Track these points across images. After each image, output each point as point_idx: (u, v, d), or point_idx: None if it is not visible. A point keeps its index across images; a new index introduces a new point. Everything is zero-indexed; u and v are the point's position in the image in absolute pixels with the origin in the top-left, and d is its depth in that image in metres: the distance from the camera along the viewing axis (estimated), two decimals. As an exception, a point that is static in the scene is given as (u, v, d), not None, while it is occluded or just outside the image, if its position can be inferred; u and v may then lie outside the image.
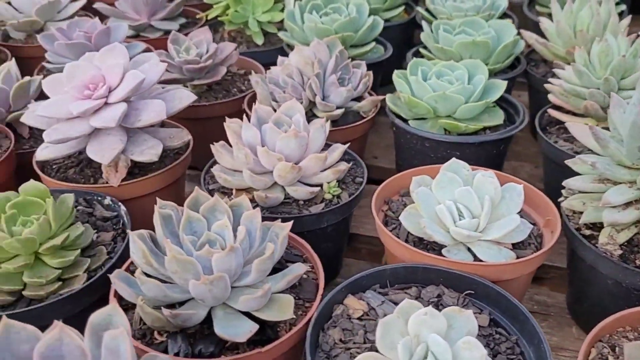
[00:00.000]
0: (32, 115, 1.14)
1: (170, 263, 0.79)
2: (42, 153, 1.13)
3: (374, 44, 1.65)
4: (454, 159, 1.06)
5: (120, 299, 0.91)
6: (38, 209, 0.97)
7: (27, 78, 1.33)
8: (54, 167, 1.22)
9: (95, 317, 0.68)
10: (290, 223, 0.90)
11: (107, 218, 1.09)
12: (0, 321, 0.65)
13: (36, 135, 1.37)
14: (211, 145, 1.17)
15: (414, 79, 1.32)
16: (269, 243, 0.85)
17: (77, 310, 0.93)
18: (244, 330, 0.80)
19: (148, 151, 1.12)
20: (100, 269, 0.97)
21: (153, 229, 0.92)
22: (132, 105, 1.13)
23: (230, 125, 1.13)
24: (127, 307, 0.91)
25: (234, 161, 1.10)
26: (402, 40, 2.01)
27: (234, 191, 1.10)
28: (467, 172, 1.05)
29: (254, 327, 0.80)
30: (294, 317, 0.83)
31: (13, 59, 1.38)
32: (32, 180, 0.99)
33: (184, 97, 1.18)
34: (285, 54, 1.80)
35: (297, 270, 0.88)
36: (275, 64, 1.65)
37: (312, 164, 1.07)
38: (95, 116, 1.10)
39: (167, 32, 1.89)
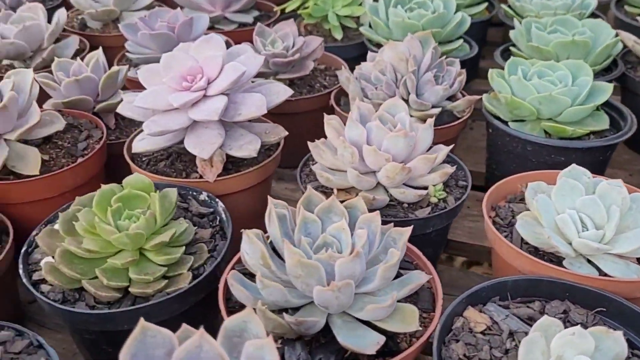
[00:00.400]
0: (129, 106, 1.11)
1: (294, 267, 0.75)
2: (139, 145, 1.10)
3: (461, 41, 1.58)
4: (573, 165, 1.00)
5: (226, 301, 0.87)
6: (142, 203, 0.93)
7: (115, 68, 1.31)
8: (143, 159, 1.19)
9: (230, 322, 0.64)
10: (410, 228, 0.85)
11: (203, 214, 1.05)
12: (138, 323, 0.61)
13: (122, 126, 1.35)
14: (309, 143, 1.13)
15: (515, 79, 1.25)
16: (393, 249, 0.80)
17: (182, 309, 0.90)
18: (371, 341, 0.75)
19: (246, 146, 1.08)
20: (202, 268, 0.94)
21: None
22: (230, 98, 1.09)
23: (331, 122, 1.08)
24: (234, 309, 0.87)
25: (335, 160, 1.06)
26: (479, 38, 1.94)
27: (335, 191, 1.06)
28: (588, 180, 0.99)
29: (381, 338, 0.75)
30: (420, 328, 0.78)
31: (100, 48, 1.35)
32: (136, 173, 0.96)
33: (280, 92, 1.14)
34: (366, 50, 1.75)
35: (418, 278, 0.83)
36: (353, 59, 1.61)
37: (420, 165, 1.02)
38: (194, 109, 1.06)
39: (241, 25, 1.87)
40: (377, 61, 1.32)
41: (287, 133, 1.16)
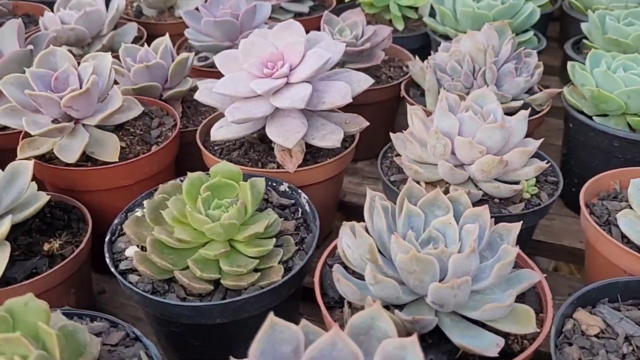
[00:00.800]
0: (207, 93, 1.08)
1: (408, 262, 0.71)
2: (218, 133, 1.06)
3: (532, 33, 1.53)
4: (680, 161, 0.95)
5: (322, 295, 0.84)
6: (231, 192, 0.90)
7: (184, 54, 1.27)
8: (216, 148, 1.16)
9: (356, 319, 0.60)
10: (519, 224, 0.81)
11: (284, 206, 1.02)
12: (267, 318, 0.58)
13: (188, 114, 1.31)
14: (391, 134, 1.09)
15: (600, 72, 1.20)
16: (506, 245, 0.76)
17: (274, 304, 0.86)
18: (490, 342, 0.71)
19: (329, 136, 1.05)
20: (291, 261, 0.90)
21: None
22: (312, 86, 1.05)
23: (418, 112, 1.04)
24: (329, 305, 0.84)
25: (423, 152, 1.01)
26: (541, 31, 1.88)
27: (422, 184, 1.01)
28: (696, 177, 0.94)
29: (500, 340, 0.71)
30: (538, 330, 0.74)
31: (167, 35, 1.32)
32: (224, 162, 0.93)
33: (361, 80, 1.10)
34: (427, 41, 1.71)
35: (529, 277, 0.79)
36: (414, 51, 1.57)
37: (516, 159, 0.97)
38: (277, 96, 1.02)
39: (297, 14, 1.83)
40: (453, 51, 1.27)
41: (367, 123, 1.12)
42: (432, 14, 1.75)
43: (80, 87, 1.00)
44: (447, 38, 1.59)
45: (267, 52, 1.06)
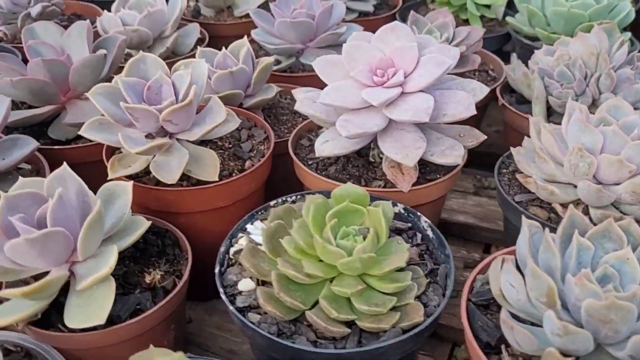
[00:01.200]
0: (308, 103, 0.98)
1: (604, 310, 0.60)
2: (324, 148, 0.96)
3: (629, 35, 1.42)
4: None
5: (475, 338, 0.73)
6: (357, 218, 0.80)
7: (268, 59, 1.17)
8: (310, 163, 1.06)
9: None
10: None
11: (400, 230, 0.92)
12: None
13: (269, 124, 1.20)
14: (512, 149, 0.99)
15: None
16: None
17: (415, 347, 0.76)
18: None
19: (449, 152, 0.94)
20: (424, 296, 0.80)
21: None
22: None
23: (546, 125, 0.93)
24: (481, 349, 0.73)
25: (556, 170, 0.91)
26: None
27: (558, 207, 0.91)
28: None
29: None
30: None
31: (245, 37, 1.22)
32: (349, 184, 0.82)
33: (477, 89, 0.99)
34: (504, 42, 1.61)
35: None
36: (494, 52, 1.47)
37: (669, 179, 0.86)
38: (392, 108, 0.92)
39: (362, 14, 1.74)
40: (560, 55, 1.17)
41: (485, 137, 1.01)
42: (508, 13, 1.65)
43: (176, 98, 0.90)
44: (532, 39, 1.48)
45: (375, 57, 0.96)
